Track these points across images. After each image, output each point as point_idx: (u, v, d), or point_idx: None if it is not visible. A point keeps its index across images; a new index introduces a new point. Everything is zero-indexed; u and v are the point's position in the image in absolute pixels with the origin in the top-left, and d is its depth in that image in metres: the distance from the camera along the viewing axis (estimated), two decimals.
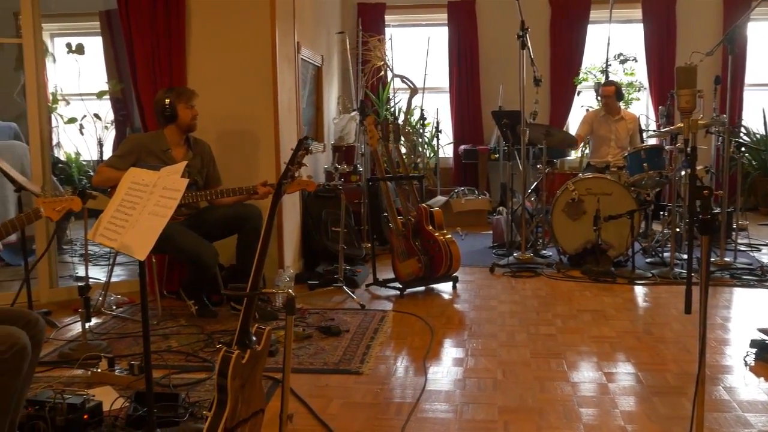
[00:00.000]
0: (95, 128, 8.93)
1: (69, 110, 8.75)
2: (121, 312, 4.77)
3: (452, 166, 9.10)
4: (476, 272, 5.86)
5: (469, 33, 8.86)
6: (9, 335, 2.21)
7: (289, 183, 2.53)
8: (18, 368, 2.22)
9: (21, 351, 2.21)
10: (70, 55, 8.46)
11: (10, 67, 8.45)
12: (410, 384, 3.46)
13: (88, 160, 8.99)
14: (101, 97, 8.77)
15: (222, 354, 2.22)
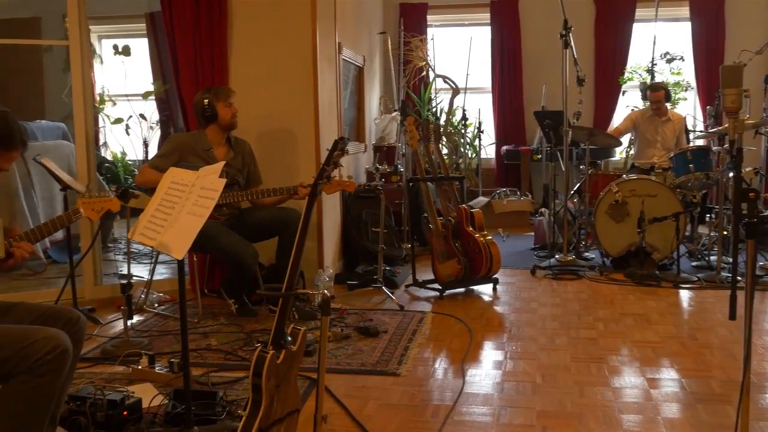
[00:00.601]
0: (141, 128, 9.08)
1: (115, 111, 8.91)
2: (162, 310, 4.83)
3: (494, 166, 9.03)
4: (517, 274, 5.80)
5: (512, 32, 8.78)
6: (51, 337, 2.24)
7: (325, 184, 2.52)
8: (59, 370, 2.25)
9: (62, 353, 2.24)
10: (116, 57, 8.61)
11: (59, 68, 8.64)
12: (448, 386, 3.43)
13: (133, 159, 9.14)
14: (147, 98, 8.91)
15: (257, 354, 2.23)
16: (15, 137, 2.27)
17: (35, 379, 2.22)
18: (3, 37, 7.86)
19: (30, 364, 2.20)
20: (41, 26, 8.60)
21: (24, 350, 2.21)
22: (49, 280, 5.72)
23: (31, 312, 2.52)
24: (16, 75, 8.18)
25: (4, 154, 2.26)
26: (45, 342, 2.24)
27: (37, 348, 2.22)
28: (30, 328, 2.31)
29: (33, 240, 2.48)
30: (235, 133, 4.74)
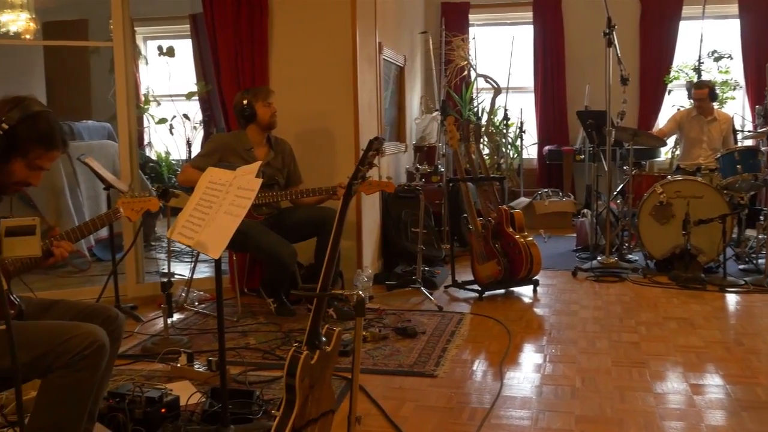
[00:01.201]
0: (184, 128, 9.19)
1: (160, 111, 9.03)
2: (203, 308, 4.87)
3: (536, 167, 8.94)
4: (558, 276, 5.73)
5: (555, 31, 8.68)
6: (89, 333, 2.27)
7: (359, 184, 2.51)
8: (96, 365, 2.27)
9: (100, 349, 2.26)
10: (161, 58, 8.73)
11: (106, 69, 8.78)
12: (485, 389, 3.39)
13: (177, 159, 9.26)
14: (190, 98, 9.01)
15: (290, 354, 2.22)
16: (56, 137, 2.30)
17: (73, 374, 2.25)
18: (52, 39, 8.04)
19: (68, 359, 2.23)
20: (88, 28, 8.76)
21: (62, 345, 2.23)
22: (93, 277, 5.81)
23: (71, 309, 2.56)
24: (65, 76, 8.34)
25: (46, 153, 2.29)
26: (83, 337, 2.26)
27: (75, 343, 2.24)
28: (68, 324, 2.34)
29: (74, 239, 2.51)
30: (275, 132, 4.77)
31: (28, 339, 2.25)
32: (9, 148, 2.22)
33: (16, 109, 2.23)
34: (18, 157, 2.25)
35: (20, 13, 7.34)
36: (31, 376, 2.35)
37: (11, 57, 7.22)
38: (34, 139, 2.25)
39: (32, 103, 2.27)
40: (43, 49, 8.01)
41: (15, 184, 2.32)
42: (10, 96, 2.27)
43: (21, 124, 2.22)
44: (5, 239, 1.64)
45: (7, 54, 7.13)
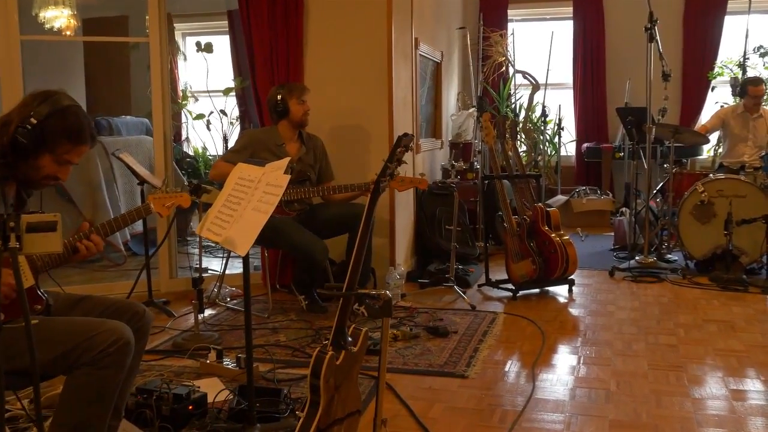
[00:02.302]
0: (221, 124, 9.24)
1: (197, 107, 9.09)
2: (234, 304, 4.87)
3: (574, 164, 8.80)
4: (595, 275, 5.62)
5: (596, 26, 8.53)
6: (114, 330, 2.26)
7: (388, 181, 2.46)
8: (121, 363, 2.26)
9: (125, 346, 2.25)
10: (199, 54, 8.78)
11: (145, 65, 8.86)
12: (517, 390, 3.33)
13: (213, 154, 9.31)
14: (227, 94, 9.05)
15: (315, 354, 2.19)
16: (85, 132, 2.29)
17: (97, 371, 2.24)
18: (92, 35, 8.14)
19: (93, 356, 2.22)
20: (128, 24, 8.84)
21: (87, 342, 2.23)
22: (128, 272, 5.86)
23: (98, 305, 2.56)
24: (104, 72, 8.43)
25: (74, 148, 2.28)
26: (107, 334, 2.25)
27: (100, 340, 2.23)
28: (94, 321, 2.33)
29: (104, 234, 2.51)
30: (308, 129, 4.74)
31: (53, 335, 2.25)
32: (38, 143, 2.21)
33: (45, 103, 2.22)
34: (46, 152, 2.25)
35: (63, 10, 7.42)
36: (56, 372, 2.35)
37: (52, 53, 7.31)
38: (62, 133, 2.24)
39: (62, 97, 2.26)
40: (83, 45, 8.10)
41: (44, 178, 2.32)
42: (40, 90, 2.27)
43: (50, 119, 2.22)
44: (26, 235, 1.63)
45: (49, 50, 7.22)
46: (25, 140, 2.19)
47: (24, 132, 2.19)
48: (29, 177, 2.31)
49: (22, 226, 1.63)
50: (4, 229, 1.61)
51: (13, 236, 1.61)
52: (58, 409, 2.30)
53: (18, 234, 1.61)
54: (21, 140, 2.19)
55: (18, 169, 2.27)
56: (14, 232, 1.61)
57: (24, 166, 2.26)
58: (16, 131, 2.19)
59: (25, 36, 4.75)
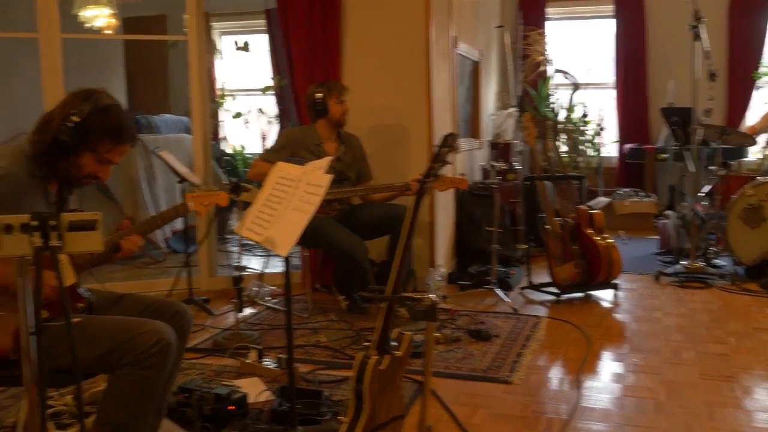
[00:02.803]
0: (259, 122, 9.25)
1: (235, 105, 9.11)
2: (274, 303, 4.84)
3: (615, 165, 8.63)
4: (639, 280, 5.48)
5: (637, 25, 8.34)
6: (156, 330, 2.23)
7: (433, 182, 2.39)
8: (163, 363, 2.23)
9: (166, 347, 2.22)
10: (237, 52, 8.79)
11: (184, 64, 8.90)
12: (563, 398, 3.24)
13: (251, 153, 9.32)
14: (266, 93, 9.06)
15: (359, 359, 2.13)
16: (126, 131, 2.26)
17: (139, 371, 2.21)
18: (132, 34, 8.19)
19: (134, 356, 2.20)
20: (167, 23, 8.89)
21: (129, 342, 2.20)
22: (168, 269, 5.86)
23: (139, 303, 2.53)
24: (144, 70, 8.48)
25: (115, 147, 2.25)
26: (149, 335, 2.22)
27: (142, 341, 2.21)
28: (136, 321, 2.30)
29: (143, 232, 2.48)
30: (347, 128, 4.69)
31: (96, 334, 2.22)
32: (79, 141, 2.19)
33: (87, 101, 2.20)
34: (87, 151, 2.23)
35: (103, 9, 7.47)
36: (98, 371, 2.34)
37: (93, 51, 7.36)
38: (103, 132, 2.22)
39: (103, 96, 2.24)
40: (124, 44, 8.16)
41: (84, 177, 2.29)
42: (82, 89, 2.25)
43: (91, 117, 2.19)
44: (67, 234, 1.59)
45: (89, 49, 7.28)
46: (67, 138, 2.17)
47: (65, 130, 2.17)
48: (70, 175, 2.29)
49: (63, 224, 1.59)
50: (46, 228, 1.57)
51: (55, 235, 1.57)
52: (100, 407, 2.28)
53: (59, 233, 1.57)
54: (62, 138, 2.17)
55: (59, 167, 2.25)
56: (55, 230, 1.57)
57: (65, 164, 2.24)
58: (58, 129, 2.17)
59: (66, 34, 4.76)
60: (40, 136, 2.20)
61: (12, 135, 6.53)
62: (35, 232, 1.56)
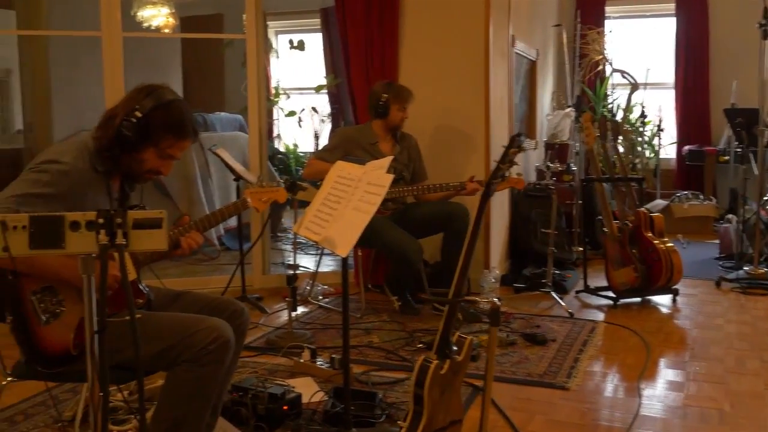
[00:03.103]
0: (312, 121, 9.28)
1: (289, 104, 9.15)
2: (326, 302, 4.84)
3: (674, 167, 8.43)
4: (699, 285, 5.33)
5: (700, 23, 8.13)
6: (215, 328, 2.23)
7: (499, 182, 2.34)
8: (221, 361, 2.23)
9: (225, 344, 2.22)
10: (291, 51, 8.83)
11: (239, 62, 8.97)
12: (621, 406, 3.15)
13: (304, 151, 9.36)
14: (319, 91, 9.08)
15: (420, 363, 2.09)
16: (188, 126, 2.27)
17: (197, 369, 2.21)
18: (189, 33, 8.29)
19: (193, 353, 2.20)
20: (223, 22, 8.98)
21: (188, 339, 2.20)
22: (221, 266, 5.91)
23: (198, 301, 2.54)
24: (200, 69, 8.57)
25: (177, 142, 2.26)
26: (208, 332, 2.22)
27: (201, 338, 2.21)
28: (195, 317, 2.30)
29: (202, 229, 2.48)
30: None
31: (155, 330, 2.23)
32: (142, 136, 2.20)
33: (150, 97, 2.21)
34: (150, 146, 2.24)
35: (161, 8, 7.58)
36: (156, 367, 2.34)
37: (151, 50, 7.47)
38: (166, 127, 2.22)
39: (165, 91, 2.24)
40: (181, 43, 8.26)
41: (146, 172, 2.30)
42: (144, 84, 2.26)
43: (154, 113, 2.20)
44: (132, 232, 1.59)
45: (148, 47, 7.38)
46: (130, 133, 2.18)
47: (129, 125, 2.18)
48: (132, 170, 2.30)
49: (129, 222, 1.59)
50: (112, 226, 1.57)
51: (120, 233, 1.57)
52: (158, 404, 2.28)
53: (125, 231, 1.57)
54: (126, 133, 2.18)
55: (122, 163, 2.26)
56: (121, 228, 1.57)
57: (128, 159, 2.25)
58: (121, 124, 2.18)
59: (127, 33, 4.82)
60: (104, 131, 2.21)
61: (74, 131, 6.69)
62: (101, 229, 1.56)
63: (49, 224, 1.57)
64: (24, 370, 2.31)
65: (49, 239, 1.57)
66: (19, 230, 1.57)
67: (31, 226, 1.57)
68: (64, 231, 1.58)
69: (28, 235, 1.57)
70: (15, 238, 1.56)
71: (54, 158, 2.13)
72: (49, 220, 1.58)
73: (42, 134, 6.64)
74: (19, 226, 1.57)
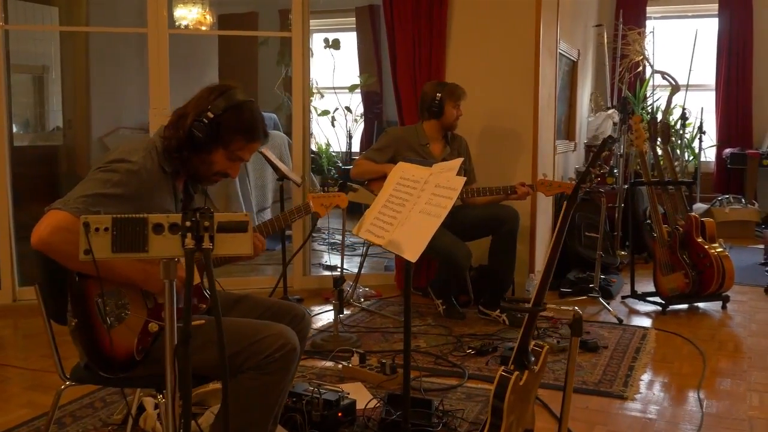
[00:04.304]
0: (345, 120, 9.23)
1: (323, 103, 9.10)
2: (368, 305, 4.77)
3: (713, 170, 8.28)
4: (747, 291, 5.20)
5: (743, 24, 7.98)
6: (281, 334, 2.17)
7: (588, 187, 2.26)
8: (287, 368, 2.17)
9: (291, 352, 2.16)
10: (326, 50, 8.79)
11: (273, 61, 8.95)
12: (684, 416, 3.06)
13: (337, 151, 9.31)
14: (353, 91, 9.03)
15: (499, 375, 2.02)
16: (259, 128, 2.21)
17: (263, 376, 2.16)
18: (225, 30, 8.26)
19: (259, 360, 2.14)
20: (258, 20, 8.95)
21: (254, 346, 2.15)
22: (257, 266, 5.85)
23: (258, 306, 2.48)
24: (235, 66, 8.54)
25: (247, 144, 2.20)
26: (275, 339, 2.16)
27: (267, 344, 2.15)
28: (260, 323, 2.25)
29: (265, 233, 2.43)
30: None
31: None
32: (213, 138, 2.14)
33: (222, 97, 2.15)
34: (220, 147, 2.18)
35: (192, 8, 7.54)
36: (219, 375, 2.28)
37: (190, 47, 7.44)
38: (237, 129, 2.16)
39: (237, 92, 2.19)
40: (218, 40, 8.23)
41: (214, 174, 2.25)
42: (216, 84, 2.21)
43: (226, 114, 2.14)
44: (216, 235, 1.53)
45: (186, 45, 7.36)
46: (201, 134, 2.12)
47: (200, 126, 2.12)
48: (200, 172, 2.24)
49: (214, 225, 1.53)
50: (198, 229, 1.51)
51: (207, 236, 1.51)
52: (220, 412, 2.23)
53: (211, 234, 1.51)
54: (197, 134, 2.12)
55: (190, 164, 2.21)
56: (208, 232, 1.51)
57: (196, 160, 2.20)
58: (193, 125, 2.12)
59: (172, 30, 4.79)
60: (174, 131, 2.15)
61: (112, 129, 6.69)
62: (188, 233, 1.50)
63: (132, 226, 1.52)
64: (83, 374, 2.26)
65: (132, 242, 1.52)
66: (101, 232, 1.51)
67: (114, 228, 1.51)
68: (147, 234, 1.52)
69: (110, 238, 1.51)
70: (97, 241, 1.50)
71: (123, 157, 2.08)
72: (132, 222, 1.52)
73: (81, 132, 6.64)
74: (101, 228, 1.51)
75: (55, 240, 1.90)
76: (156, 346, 2.13)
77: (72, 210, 1.92)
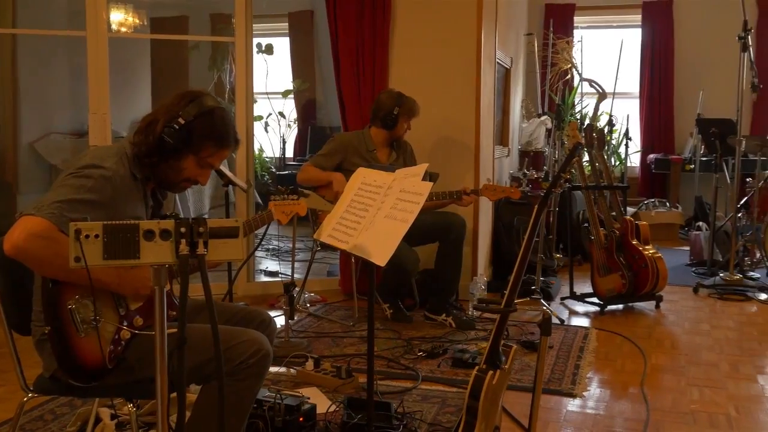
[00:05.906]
0: (279, 126, 9.19)
1: (255, 108, 9.01)
2: (315, 310, 4.77)
3: (639, 175, 8.60)
4: (677, 291, 5.43)
5: (665, 35, 8.33)
6: (254, 340, 2.16)
7: (558, 190, 2.34)
8: (260, 374, 2.17)
9: (264, 357, 2.16)
10: (259, 55, 8.73)
11: (204, 66, 8.84)
12: (631, 412, 3.19)
13: (270, 156, 9.26)
14: (286, 96, 9.00)
15: (474, 375, 2.07)
16: (230, 135, 2.20)
17: (235, 383, 2.14)
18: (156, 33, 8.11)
19: (232, 367, 2.13)
20: (188, 24, 8.82)
21: (227, 352, 2.13)
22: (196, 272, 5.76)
23: (224, 312, 2.47)
24: (166, 71, 8.39)
25: (218, 151, 2.19)
26: (248, 345, 2.16)
27: (240, 351, 2.14)
28: (233, 330, 2.24)
29: None
30: None
31: (192, 343, 2.14)
32: (183, 144, 2.13)
33: (193, 104, 2.14)
34: (190, 154, 2.16)
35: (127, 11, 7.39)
36: (191, 381, 2.26)
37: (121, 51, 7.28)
38: (208, 136, 2.15)
39: (208, 98, 2.17)
40: (150, 44, 8.07)
41: (183, 181, 2.23)
42: (186, 90, 2.19)
43: (197, 120, 2.13)
44: (210, 241, 1.53)
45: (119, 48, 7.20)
46: (172, 140, 2.10)
47: (171, 132, 2.10)
48: (169, 178, 2.22)
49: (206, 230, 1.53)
50: (192, 235, 1.50)
51: (201, 242, 1.51)
52: (191, 419, 2.20)
53: (205, 240, 1.51)
54: (167, 140, 2.10)
55: (159, 170, 2.18)
56: (202, 238, 1.51)
57: (165, 167, 2.18)
58: (164, 131, 2.10)
59: (112, 34, 4.69)
60: (144, 137, 2.13)
61: (43, 133, 6.48)
62: (181, 239, 1.50)
63: (123, 233, 1.50)
64: (48, 385, 2.21)
65: (123, 249, 1.50)
66: (92, 239, 1.49)
67: (105, 235, 1.49)
68: (139, 240, 1.51)
69: (101, 245, 1.49)
70: (88, 248, 1.48)
71: (95, 163, 2.04)
72: (123, 229, 1.50)
73: (8, 137, 6.40)
74: (91, 235, 1.49)
75: (31, 246, 1.85)
76: (128, 354, 2.10)
77: (47, 215, 1.88)
